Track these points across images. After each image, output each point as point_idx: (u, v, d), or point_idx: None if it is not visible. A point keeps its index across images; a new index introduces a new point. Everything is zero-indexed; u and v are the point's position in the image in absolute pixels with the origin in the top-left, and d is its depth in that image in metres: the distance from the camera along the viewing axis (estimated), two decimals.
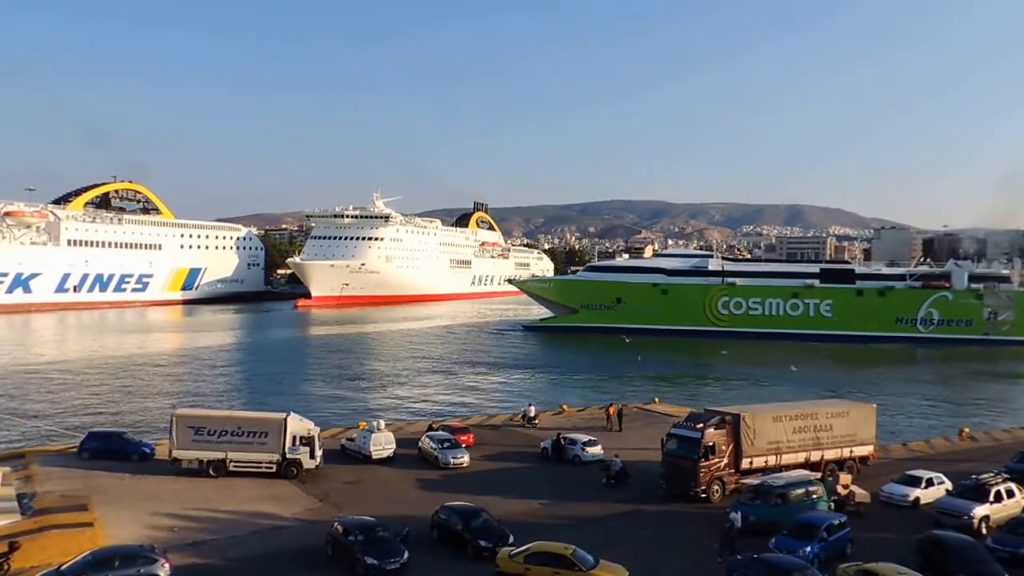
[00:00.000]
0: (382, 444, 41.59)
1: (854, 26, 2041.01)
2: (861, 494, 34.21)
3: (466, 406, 65.86)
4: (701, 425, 35.85)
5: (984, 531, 30.73)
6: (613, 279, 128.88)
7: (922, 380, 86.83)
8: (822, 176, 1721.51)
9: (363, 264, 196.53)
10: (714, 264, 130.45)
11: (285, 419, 38.36)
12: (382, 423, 44.13)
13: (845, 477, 35.42)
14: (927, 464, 40.26)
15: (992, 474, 35.22)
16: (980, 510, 31.64)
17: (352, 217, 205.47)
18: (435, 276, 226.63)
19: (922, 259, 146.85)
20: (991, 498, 32.27)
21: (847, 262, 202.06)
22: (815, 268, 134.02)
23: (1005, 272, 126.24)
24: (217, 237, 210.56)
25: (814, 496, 32.53)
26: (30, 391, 68.96)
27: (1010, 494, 32.97)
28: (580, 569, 25.64)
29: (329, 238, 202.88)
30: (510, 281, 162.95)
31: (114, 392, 69.44)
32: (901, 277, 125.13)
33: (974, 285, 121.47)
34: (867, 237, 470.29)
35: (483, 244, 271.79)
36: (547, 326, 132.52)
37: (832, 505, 32.90)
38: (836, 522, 29.28)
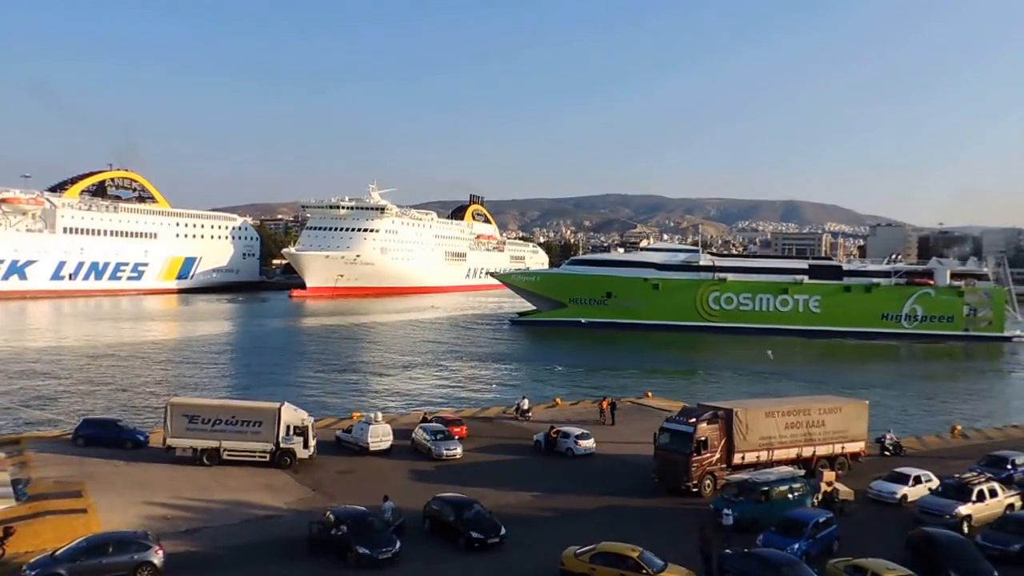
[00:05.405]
0: (379, 436, 41.64)
1: (851, 22, 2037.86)
2: (845, 491, 34.32)
3: (459, 398, 66.01)
4: (694, 420, 35.99)
5: (966, 530, 30.66)
6: (602, 273, 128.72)
7: (912, 376, 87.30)
8: (818, 172, 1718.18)
9: (358, 255, 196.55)
10: (704, 259, 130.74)
11: (279, 408, 38.49)
12: (379, 415, 44.23)
13: (829, 474, 35.52)
14: (919, 462, 40.50)
15: (975, 473, 35.42)
16: (962, 509, 31.69)
17: (348, 208, 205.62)
18: (430, 268, 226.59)
19: (895, 257, 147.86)
20: (973, 497, 32.33)
21: (830, 258, 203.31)
22: (803, 264, 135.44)
23: (984, 270, 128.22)
24: (213, 227, 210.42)
25: (798, 493, 32.73)
26: (25, 378, 68.99)
27: (993, 493, 32.98)
28: (648, 572, 25.14)
29: (325, 229, 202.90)
30: (492, 275, 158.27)
31: (109, 380, 69.47)
32: (887, 274, 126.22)
33: (955, 282, 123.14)
34: (863, 234, 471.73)
35: (478, 237, 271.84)
36: (538, 320, 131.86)
37: (816, 502, 33.12)
38: (823, 519, 29.45)
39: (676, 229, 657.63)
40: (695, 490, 35.15)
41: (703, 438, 35.56)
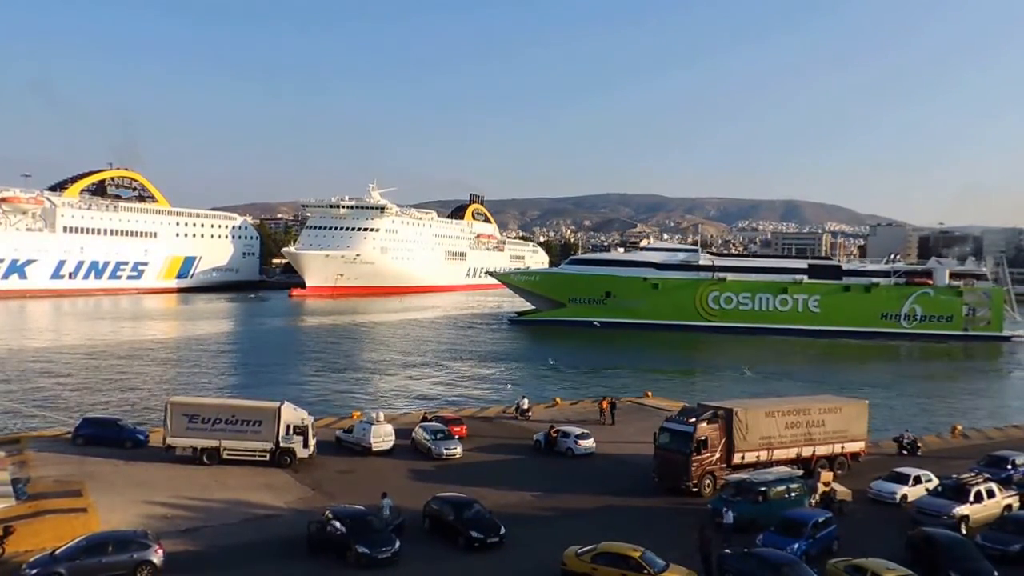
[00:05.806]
0: (382, 436, 41.53)
1: (851, 22, 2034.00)
2: (843, 491, 34.27)
3: (459, 397, 65.99)
4: (694, 419, 36.00)
5: (963, 531, 30.61)
6: (602, 273, 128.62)
7: (912, 376, 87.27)
8: (818, 172, 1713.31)
9: (358, 255, 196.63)
10: (704, 259, 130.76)
11: (279, 408, 38.49)
12: (381, 414, 43.93)
13: (827, 475, 35.53)
14: (919, 461, 40.54)
15: (974, 473, 35.39)
16: (960, 510, 31.66)
17: (348, 208, 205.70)
18: (430, 268, 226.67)
19: (894, 256, 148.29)
20: (971, 498, 32.29)
21: (830, 258, 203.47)
22: (803, 264, 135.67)
23: (983, 270, 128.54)
24: (213, 226, 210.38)
25: (795, 493, 32.71)
26: (25, 377, 68.98)
27: (990, 494, 32.94)
28: (649, 572, 25.11)
29: (325, 228, 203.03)
30: (490, 274, 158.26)
31: (109, 379, 69.46)
32: (886, 274, 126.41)
33: (954, 282, 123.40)
34: (863, 234, 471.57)
35: (478, 236, 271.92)
36: (537, 320, 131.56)
37: (814, 502, 33.08)
38: (823, 519, 29.46)
39: (676, 229, 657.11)
40: (695, 490, 35.16)
41: (703, 438, 35.56)
